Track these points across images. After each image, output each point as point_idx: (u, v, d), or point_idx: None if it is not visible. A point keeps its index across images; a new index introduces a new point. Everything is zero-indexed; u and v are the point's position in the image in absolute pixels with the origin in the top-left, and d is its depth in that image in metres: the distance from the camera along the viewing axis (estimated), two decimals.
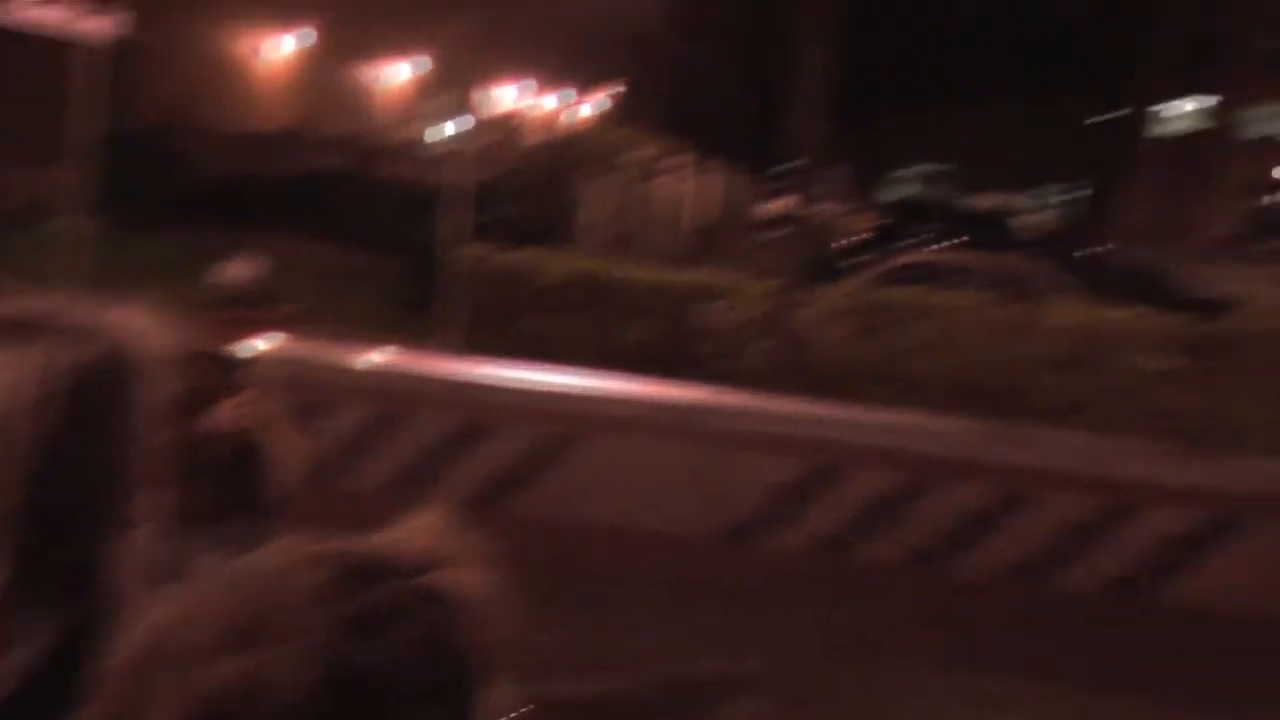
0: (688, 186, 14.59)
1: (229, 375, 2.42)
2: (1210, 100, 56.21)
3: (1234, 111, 56.78)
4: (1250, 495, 4.68)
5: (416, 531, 0.55)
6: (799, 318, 6.36)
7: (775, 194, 22.07)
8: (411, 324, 8.41)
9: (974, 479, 4.82)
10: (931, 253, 14.60)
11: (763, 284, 6.98)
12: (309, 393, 5.17)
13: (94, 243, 7.34)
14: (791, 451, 4.93)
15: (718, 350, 6.35)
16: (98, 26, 6.79)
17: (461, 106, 14.25)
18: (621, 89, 32.15)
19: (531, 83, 27.95)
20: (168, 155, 14.43)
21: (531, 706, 0.64)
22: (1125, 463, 4.96)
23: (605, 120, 26.95)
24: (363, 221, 12.48)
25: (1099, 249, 20.89)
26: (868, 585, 4.71)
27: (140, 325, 0.75)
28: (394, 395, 5.48)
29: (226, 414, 2.33)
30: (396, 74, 25.34)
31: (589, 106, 31.04)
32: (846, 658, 4.15)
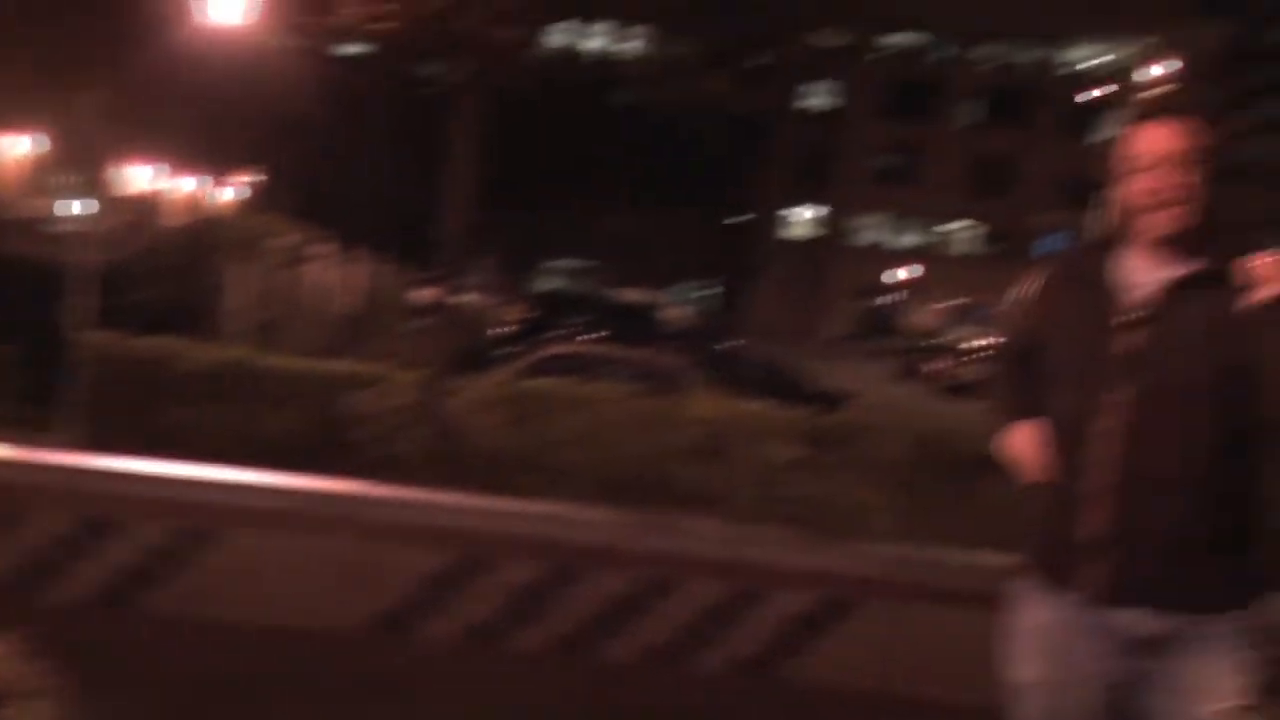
0: (335, 274, 14.40)
1: None
2: (826, 209, 61.12)
3: (845, 220, 62.09)
4: (863, 577, 5.04)
5: None
6: (449, 407, 6.38)
7: (425, 283, 22.14)
8: (29, 416, 7.81)
9: (619, 566, 4.96)
10: (579, 344, 15.03)
11: (412, 373, 6.97)
12: None
13: None
14: (442, 541, 4.92)
15: (367, 440, 6.27)
16: None
17: (90, 185, 13.51)
18: (264, 175, 31.34)
19: (165, 165, 26.80)
20: None
21: None
22: (755, 548, 5.23)
23: (247, 206, 26.18)
24: None
25: (733, 344, 22.16)
26: (517, 674, 4.75)
27: None
28: (4, 491, 5.06)
29: None
30: (13, 148, 23.67)
31: (231, 191, 30.10)
32: None
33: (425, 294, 20.95)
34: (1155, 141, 2.71)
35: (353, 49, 34.38)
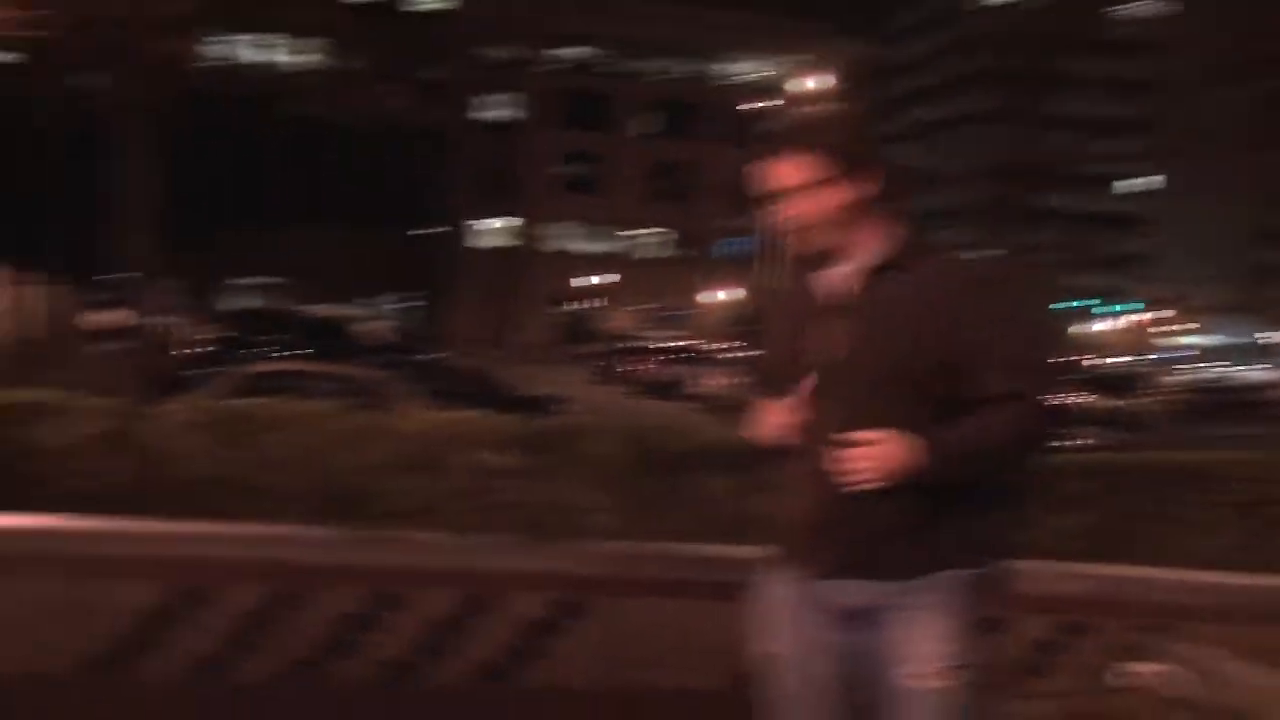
0: (4, 298, 13.32)
1: None
2: (514, 219, 61.66)
3: (534, 229, 62.73)
4: (591, 577, 5.12)
5: None
6: (149, 433, 6.02)
7: (103, 306, 20.75)
8: None
9: (348, 585, 4.85)
10: (279, 361, 14.51)
11: (103, 399, 6.53)
12: None
13: None
14: (155, 573, 4.66)
15: (61, 472, 5.83)
16: None
17: None
18: None
19: None
20: None
21: None
22: (482, 556, 5.22)
23: None
24: None
25: (435, 355, 21.93)
26: (245, 706, 4.55)
27: None
28: None
29: None
30: None
31: None
32: None
33: (105, 317, 19.67)
34: (780, 175, 2.92)
35: (5, 57, 31.89)
